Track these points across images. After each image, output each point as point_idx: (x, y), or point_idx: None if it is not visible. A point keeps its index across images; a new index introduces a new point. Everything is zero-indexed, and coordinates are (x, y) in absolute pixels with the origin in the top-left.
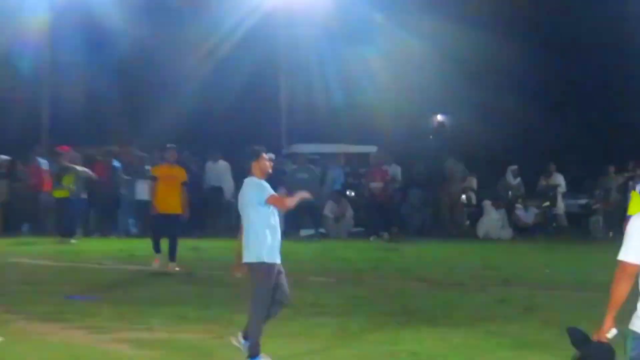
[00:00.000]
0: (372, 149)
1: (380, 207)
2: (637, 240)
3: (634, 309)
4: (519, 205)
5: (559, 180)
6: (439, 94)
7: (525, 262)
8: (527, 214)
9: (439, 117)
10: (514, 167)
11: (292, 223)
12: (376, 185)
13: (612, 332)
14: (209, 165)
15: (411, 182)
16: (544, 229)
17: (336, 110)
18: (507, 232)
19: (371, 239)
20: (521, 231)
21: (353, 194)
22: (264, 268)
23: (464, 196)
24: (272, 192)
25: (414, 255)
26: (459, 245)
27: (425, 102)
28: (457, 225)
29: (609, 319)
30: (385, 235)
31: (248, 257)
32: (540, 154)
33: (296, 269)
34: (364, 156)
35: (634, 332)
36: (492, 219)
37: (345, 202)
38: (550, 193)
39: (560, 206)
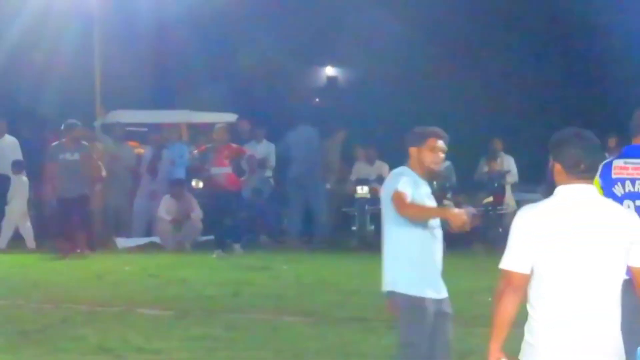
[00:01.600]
0: (229, 117)
1: (227, 204)
2: (524, 242)
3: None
4: (447, 202)
5: (509, 164)
6: (328, 38)
7: (460, 285)
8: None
9: (330, 71)
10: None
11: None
12: (220, 171)
13: None
14: None
15: (287, 168)
16: (485, 235)
17: (180, 67)
18: None
19: (214, 254)
20: (451, 238)
21: (201, 185)
22: (403, 302)
23: (366, 189)
24: (402, 184)
25: (292, 276)
26: (358, 260)
27: (308, 49)
28: (358, 231)
29: (494, 348)
30: (237, 247)
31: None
32: (483, 126)
33: (116, 297)
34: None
35: None
36: None
37: (190, 197)
38: (494, 183)
39: (510, 202)
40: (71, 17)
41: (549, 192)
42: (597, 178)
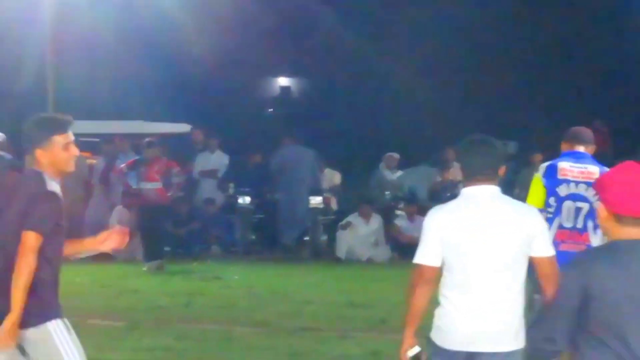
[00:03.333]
0: (183, 127)
1: (154, 219)
2: (434, 238)
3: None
4: (400, 212)
5: (459, 174)
6: (282, 49)
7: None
8: (412, 225)
9: (283, 81)
10: (393, 155)
11: None
12: (151, 186)
13: (413, 350)
14: None
15: (240, 178)
16: None
17: (134, 77)
18: (383, 251)
19: (144, 267)
20: (404, 249)
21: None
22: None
23: (319, 199)
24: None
25: (244, 286)
26: (311, 271)
27: (262, 60)
28: (310, 242)
29: (408, 335)
30: (157, 264)
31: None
32: (436, 135)
33: (67, 308)
34: (171, 139)
35: (433, 344)
36: (360, 233)
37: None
38: (447, 193)
39: None
40: (23, 27)
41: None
42: (541, 178)
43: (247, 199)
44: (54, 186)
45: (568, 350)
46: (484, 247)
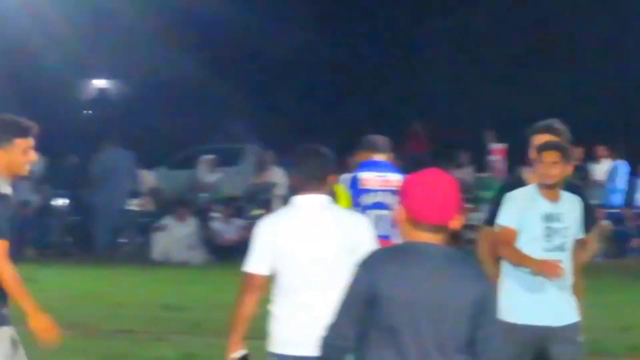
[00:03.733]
0: None
1: None
2: (264, 246)
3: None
4: (216, 214)
5: (276, 176)
6: (99, 51)
7: (226, 297)
8: (228, 227)
9: (100, 83)
10: (209, 157)
11: None
12: None
13: (239, 353)
14: None
15: (56, 180)
16: None
17: None
18: (199, 254)
19: None
20: (220, 252)
21: None
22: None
23: (136, 201)
24: None
25: (59, 288)
26: (126, 273)
27: (79, 61)
28: (126, 244)
29: (234, 339)
30: None
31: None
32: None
33: None
34: None
35: (271, 354)
36: (176, 235)
37: None
38: (263, 195)
39: None
40: None
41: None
42: (346, 188)
43: (63, 201)
44: (7, 188)
45: (356, 347)
46: (311, 255)
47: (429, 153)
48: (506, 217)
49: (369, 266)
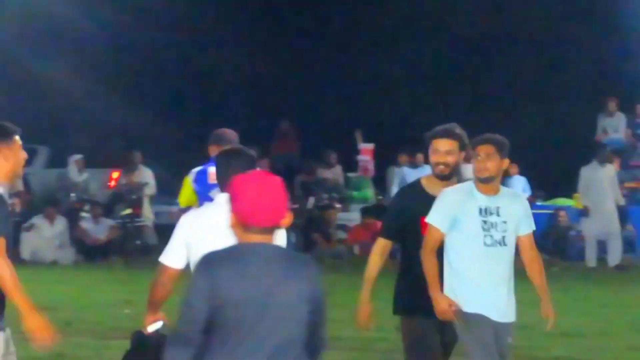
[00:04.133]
0: None
1: None
2: (181, 242)
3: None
4: (85, 214)
5: (146, 176)
6: None
7: (96, 297)
8: (97, 227)
9: None
10: (77, 156)
11: None
12: None
13: (156, 325)
14: None
15: None
16: (123, 247)
17: None
18: (68, 253)
19: None
20: (90, 251)
21: None
22: None
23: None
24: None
25: None
26: None
27: None
28: None
29: (149, 315)
30: None
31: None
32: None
33: None
34: None
35: None
36: (45, 235)
37: None
38: (132, 195)
39: (148, 214)
40: None
41: None
42: (191, 183)
43: None
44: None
45: (200, 348)
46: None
47: (297, 153)
48: (435, 216)
49: (206, 268)
